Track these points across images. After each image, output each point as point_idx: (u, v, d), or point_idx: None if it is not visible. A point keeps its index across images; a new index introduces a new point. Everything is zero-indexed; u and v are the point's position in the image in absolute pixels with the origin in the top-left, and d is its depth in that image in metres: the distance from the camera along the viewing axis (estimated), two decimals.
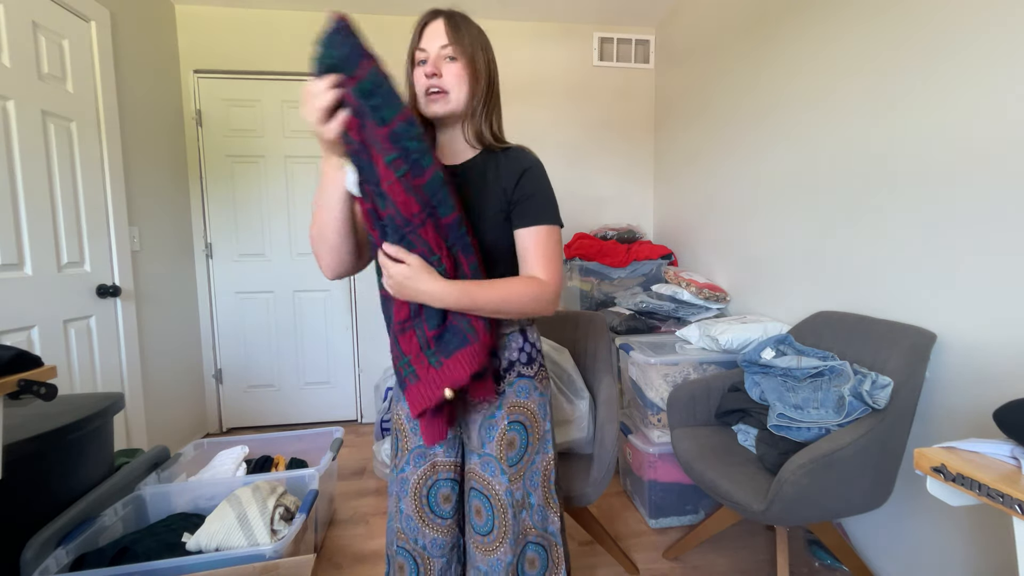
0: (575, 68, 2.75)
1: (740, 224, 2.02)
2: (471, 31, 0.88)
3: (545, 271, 0.87)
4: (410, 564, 0.92)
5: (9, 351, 0.85)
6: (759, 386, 1.38)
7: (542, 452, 0.94)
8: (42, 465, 1.11)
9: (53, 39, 1.66)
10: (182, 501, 1.38)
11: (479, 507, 0.91)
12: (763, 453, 1.25)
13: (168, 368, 2.27)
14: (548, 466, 0.95)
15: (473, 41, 0.87)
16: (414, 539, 0.92)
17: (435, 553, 0.92)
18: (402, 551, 0.93)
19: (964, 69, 1.12)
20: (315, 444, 1.83)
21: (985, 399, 1.08)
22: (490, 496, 0.90)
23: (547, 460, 0.95)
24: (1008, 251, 1.04)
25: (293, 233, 2.64)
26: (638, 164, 2.86)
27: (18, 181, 1.52)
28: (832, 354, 1.34)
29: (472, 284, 0.81)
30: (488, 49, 0.91)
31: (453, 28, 0.86)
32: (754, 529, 1.67)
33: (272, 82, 2.55)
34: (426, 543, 0.92)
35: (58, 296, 1.66)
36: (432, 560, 0.92)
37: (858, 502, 1.13)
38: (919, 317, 1.24)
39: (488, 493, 0.90)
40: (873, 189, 1.37)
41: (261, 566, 1.02)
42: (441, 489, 0.93)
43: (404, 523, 0.93)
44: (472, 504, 0.92)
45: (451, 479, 0.93)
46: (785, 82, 1.72)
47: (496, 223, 0.89)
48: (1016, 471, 0.64)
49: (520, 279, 0.86)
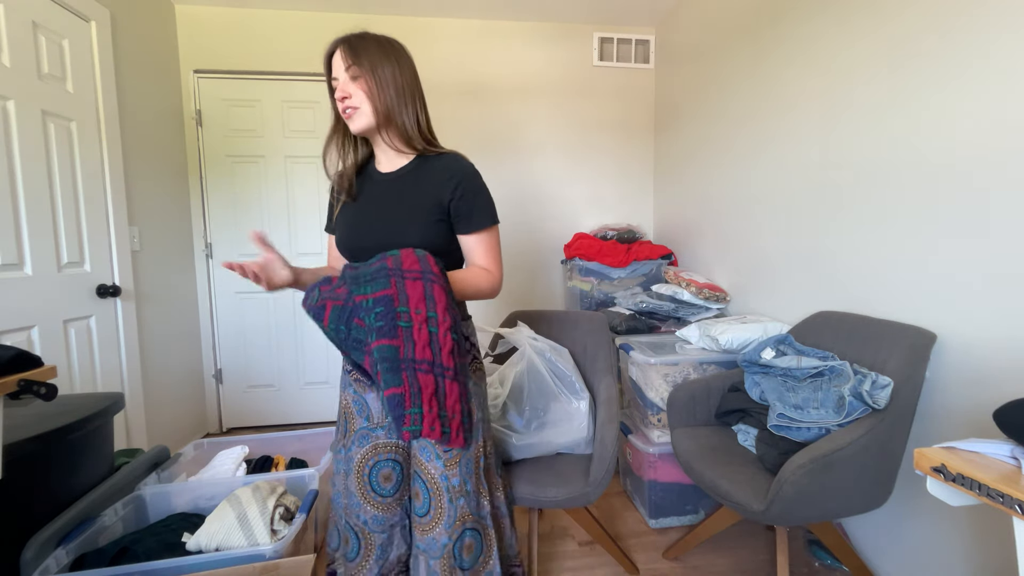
0: (575, 68, 2.75)
1: (740, 224, 2.02)
2: (369, 48, 0.96)
3: (493, 265, 1.02)
4: (353, 538, 1.00)
5: (9, 351, 0.85)
6: (759, 386, 1.38)
7: (474, 441, 1.00)
8: (42, 465, 1.11)
9: (53, 39, 1.66)
10: (182, 501, 1.38)
11: (417, 490, 0.98)
12: (763, 453, 1.25)
13: (168, 368, 2.27)
14: (479, 453, 1.01)
15: (372, 56, 0.95)
16: (356, 515, 0.99)
17: (375, 528, 0.99)
18: (348, 526, 1.01)
19: (965, 69, 1.12)
20: (315, 444, 1.83)
21: (985, 399, 1.08)
22: (426, 480, 0.96)
23: (478, 448, 1.01)
24: (1008, 251, 1.04)
25: (293, 233, 2.64)
26: (638, 164, 2.86)
27: (18, 181, 1.52)
28: (832, 354, 1.34)
29: (452, 272, 0.97)
30: (395, 57, 0.97)
31: (351, 51, 0.95)
32: (754, 529, 1.67)
33: (272, 82, 2.55)
34: (367, 519, 0.99)
35: (58, 296, 1.66)
36: (372, 535, 0.99)
37: (858, 502, 1.13)
38: (919, 317, 1.24)
39: (425, 477, 0.96)
40: (873, 189, 1.37)
41: (261, 566, 1.02)
42: (382, 469, 0.99)
43: (349, 499, 1.00)
44: (413, 487, 0.99)
45: (392, 459, 1.00)
46: (785, 82, 1.72)
47: (429, 224, 0.98)
48: (1016, 471, 0.64)
49: (476, 268, 1.02)
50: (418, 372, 0.85)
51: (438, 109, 2.62)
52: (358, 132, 0.98)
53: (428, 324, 0.86)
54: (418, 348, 0.85)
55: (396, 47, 0.99)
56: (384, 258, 0.89)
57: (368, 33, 0.98)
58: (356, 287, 0.88)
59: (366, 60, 0.95)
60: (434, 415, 0.86)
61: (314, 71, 2.56)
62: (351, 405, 1.04)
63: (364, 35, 0.97)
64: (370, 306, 0.85)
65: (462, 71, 2.64)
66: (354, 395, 1.04)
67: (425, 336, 0.86)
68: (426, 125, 1.02)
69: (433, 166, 1.00)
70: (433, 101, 2.64)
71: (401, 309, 0.85)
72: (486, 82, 2.66)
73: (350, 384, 1.05)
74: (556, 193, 2.78)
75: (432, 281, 0.88)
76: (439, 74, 2.61)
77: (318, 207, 2.64)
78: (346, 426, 1.05)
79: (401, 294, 0.86)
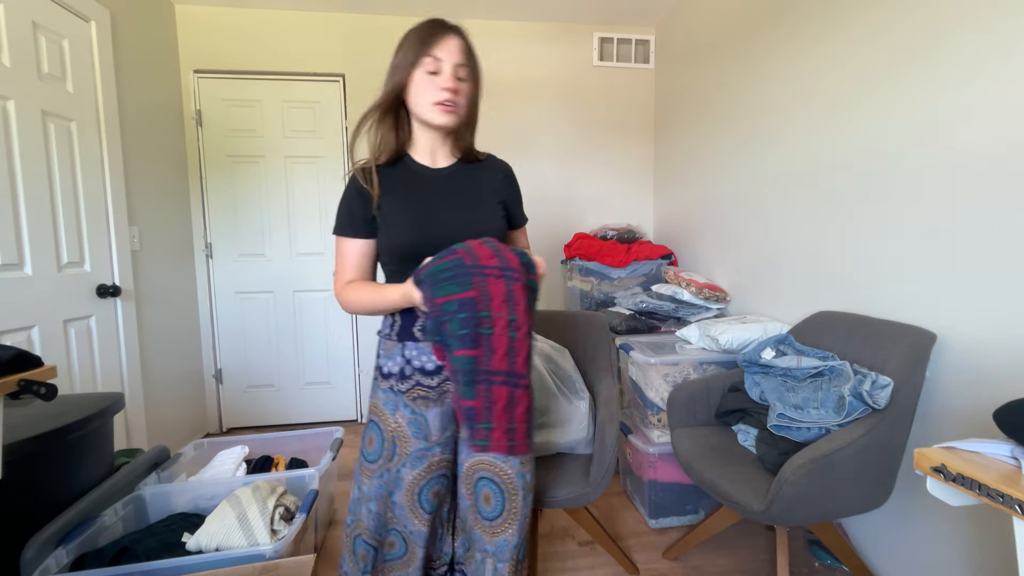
0: (575, 68, 2.75)
1: (740, 224, 2.02)
2: (475, 55, 0.97)
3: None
4: (400, 541, 0.99)
5: (9, 351, 0.85)
6: (759, 386, 1.38)
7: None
8: (42, 465, 1.11)
9: (53, 39, 1.66)
10: (182, 501, 1.38)
11: (488, 494, 0.95)
12: (763, 453, 1.25)
13: (168, 368, 2.27)
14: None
15: (477, 65, 0.97)
16: (404, 525, 0.99)
17: (418, 542, 0.99)
18: (395, 531, 0.99)
19: (964, 68, 1.12)
20: (315, 444, 1.83)
21: (985, 399, 1.08)
22: (501, 481, 0.95)
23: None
24: (1008, 251, 1.04)
25: (293, 233, 2.64)
26: (638, 164, 2.86)
27: (18, 181, 1.52)
28: (832, 354, 1.34)
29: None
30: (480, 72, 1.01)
31: (469, 49, 0.95)
32: (754, 529, 1.67)
33: (272, 82, 2.55)
34: (413, 530, 0.99)
35: (58, 296, 1.66)
36: (417, 549, 0.99)
37: (858, 502, 1.13)
38: (919, 317, 1.24)
39: (499, 479, 0.95)
40: (873, 189, 1.37)
41: (261, 566, 1.02)
42: (434, 487, 0.98)
43: (395, 511, 0.99)
44: (481, 492, 0.97)
45: (443, 475, 1.00)
46: (785, 82, 1.72)
47: (498, 219, 1.01)
48: (1016, 471, 0.64)
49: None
50: (492, 385, 0.83)
51: None
52: (443, 126, 0.95)
53: (509, 328, 0.83)
54: (496, 357, 0.83)
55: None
56: (455, 252, 0.83)
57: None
58: (435, 288, 0.83)
59: (476, 66, 0.97)
60: (503, 428, 0.85)
61: (314, 71, 2.56)
62: (405, 428, 0.96)
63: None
64: (454, 310, 0.81)
65: None
66: (411, 415, 0.96)
67: (504, 343, 0.83)
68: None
69: (483, 165, 1.05)
70: None
71: (484, 314, 0.82)
72: (486, 82, 2.64)
73: (405, 404, 0.96)
74: (556, 193, 2.78)
75: (514, 279, 0.83)
76: None
77: (318, 207, 2.64)
78: (394, 450, 0.97)
79: (484, 296, 0.81)
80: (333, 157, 2.63)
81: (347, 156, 2.61)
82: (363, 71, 2.58)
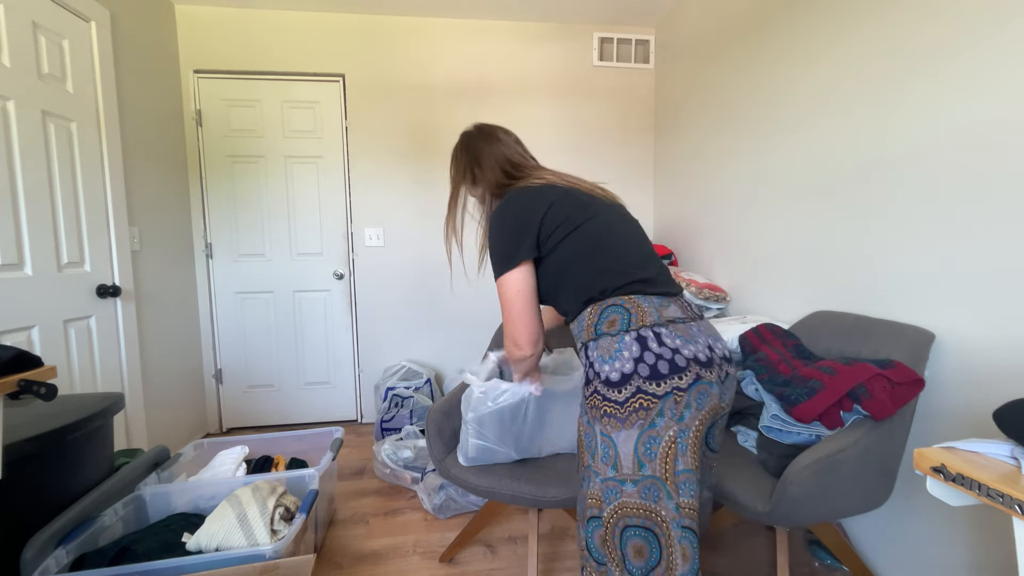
0: (575, 68, 2.75)
1: (740, 224, 2.02)
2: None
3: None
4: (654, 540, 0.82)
5: (9, 351, 0.85)
6: (756, 386, 1.38)
7: (586, 482, 0.85)
8: (42, 465, 1.11)
9: (53, 39, 1.66)
10: (182, 501, 1.38)
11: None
12: (764, 455, 1.25)
13: (168, 368, 2.27)
14: (586, 502, 0.84)
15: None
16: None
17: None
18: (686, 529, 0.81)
19: (963, 68, 1.12)
20: (315, 444, 1.83)
21: (985, 399, 1.08)
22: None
23: (584, 495, 0.85)
24: (1007, 250, 1.04)
25: (293, 233, 2.64)
26: (638, 164, 2.86)
27: (18, 181, 1.52)
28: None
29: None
30: (455, 160, 1.17)
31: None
32: (754, 529, 1.67)
33: (272, 82, 2.55)
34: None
35: (58, 296, 1.66)
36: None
37: (859, 502, 1.13)
38: (917, 316, 1.24)
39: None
40: (872, 189, 1.37)
41: (261, 566, 1.02)
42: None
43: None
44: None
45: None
46: (785, 82, 1.72)
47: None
48: (1016, 471, 0.64)
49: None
50: None
51: (437, 109, 2.63)
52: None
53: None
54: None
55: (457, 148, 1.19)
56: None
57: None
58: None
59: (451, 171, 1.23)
60: None
61: (314, 71, 2.56)
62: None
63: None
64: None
65: (462, 71, 2.64)
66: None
67: None
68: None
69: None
70: (432, 101, 2.66)
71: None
72: (486, 82, 2.67)
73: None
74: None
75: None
76: (439, 74, 2.62)
77: (318, 207, 2.64)
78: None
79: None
80: (333, 157, 2.63)
81: (347, 156, 2.62)
82: (363, 71, 2.58)
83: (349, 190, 2.65)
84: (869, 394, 1.07)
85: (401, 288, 2.72)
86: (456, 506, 1.77)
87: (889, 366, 1.11)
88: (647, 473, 0.78)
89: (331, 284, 2.70)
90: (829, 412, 1.11)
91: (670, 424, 0.78)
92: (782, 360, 1.35)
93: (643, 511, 0.78)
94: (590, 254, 0.89)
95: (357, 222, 2.66)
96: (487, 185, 1.08)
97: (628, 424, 0.78)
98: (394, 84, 2.60)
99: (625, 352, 0.80)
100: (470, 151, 1.13)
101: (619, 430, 0.79)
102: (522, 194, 0.96)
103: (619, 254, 0.91)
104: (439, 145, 2.62)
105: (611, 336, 0.83)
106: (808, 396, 1.13)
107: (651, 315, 0.84)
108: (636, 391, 0.78)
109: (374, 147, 2.63)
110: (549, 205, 0.92)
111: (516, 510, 1.79)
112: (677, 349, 0.81)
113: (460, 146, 1.17)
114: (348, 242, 2.68)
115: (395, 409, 2.36)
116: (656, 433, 0.78)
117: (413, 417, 2.34)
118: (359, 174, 2.64)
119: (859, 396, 1.08)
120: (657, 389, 0.78)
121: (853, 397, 1.09)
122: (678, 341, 0.82)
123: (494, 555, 1.57)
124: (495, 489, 1.25)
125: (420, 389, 2.46)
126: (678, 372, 0.79)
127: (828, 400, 1.10)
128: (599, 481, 0.81)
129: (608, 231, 0.93)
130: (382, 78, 2.59)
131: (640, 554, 0.79)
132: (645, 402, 0.78)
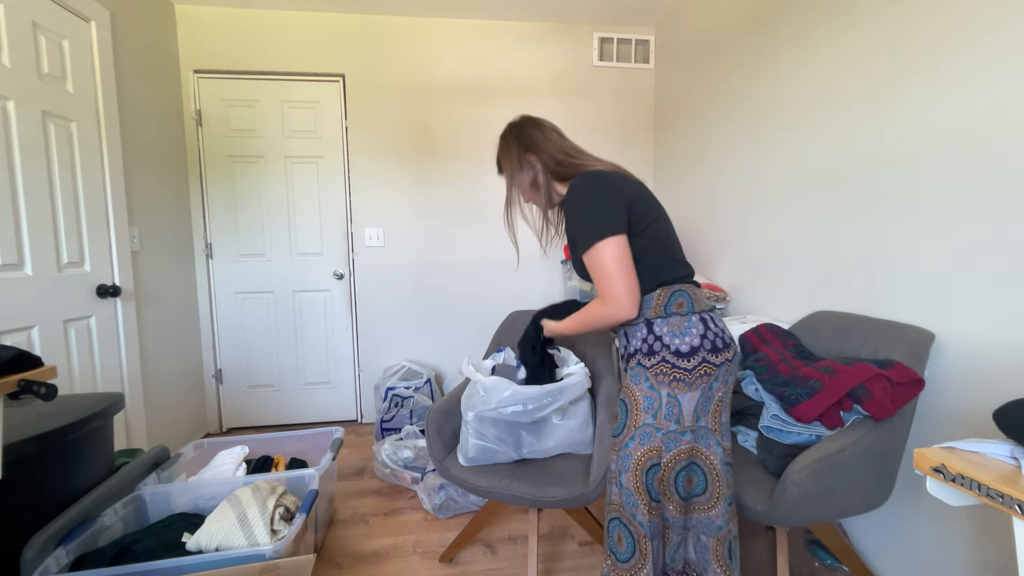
0: (575, 68, 2.75)
1: (740, 224, 2.02)
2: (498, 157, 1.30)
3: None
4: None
5: (9, 351, 0.85)
6: (755, 385, 1.38)
7: (636, 440, 0.99)
8: (42, 465, 1.11)
9: (53, 39, 1.66)
10: (182, 501, 1.38)
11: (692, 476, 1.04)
12: (764, 455, 1.25)
13: (168, 368, 2.27)
14: (638, 459, 0.99)
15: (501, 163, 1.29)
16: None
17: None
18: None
19: (963, 67, 1.12)
20: (315, 444, 1.83)
21: (985, 399, 1.08)
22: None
23: (638, 452, 0.99)
24: (1007, 250, 1.04)
25: (293, 233, 2.64)
26: (638, 164, 2.85)
27: (18, 181, 1.52)
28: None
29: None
30: (505, 149, 1.23)
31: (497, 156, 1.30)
32: (754, 529, 1.67)
33: (272, 82, 2.55)
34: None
35: (58, 296, 1.66)
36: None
37: (859, 502, 1.13)
38: (917, 316, 1.24)
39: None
40: (872, 188, 1.37)
41: (261, 566, 1.02)
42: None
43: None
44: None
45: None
46: (785, 82, 1.72)
47: (572, 252, 1.10)
48: (1016, 471, 0.64)
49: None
50: None
51: (437, 109, 2.63)
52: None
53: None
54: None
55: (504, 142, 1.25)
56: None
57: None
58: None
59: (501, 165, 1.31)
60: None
61: (314, 71, 2.56)
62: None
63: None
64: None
65: (462, 71, 2.64)
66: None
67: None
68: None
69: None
70: (432, 101, 2.66)
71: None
72: (486, 82, 2.66)
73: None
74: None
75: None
76: (439, 74, 2.62)
77: (318, 207, 2.64)
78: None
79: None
80: (333, 157, 2.63)
81: (347, 156, 2.62)
82: (363, 71, 2.58)
83: (349, 190, 2.65)
84: (869, 394, 1.07)
85: (401, 288, 2.72)
86: (456, 506, 1.78)
87: (889, 366, 1.11)
88: (702, 424, 0.99)
89: (331, 284, 2.70)
90: (829, 412, 1.11)
91: (720, 388, 0.99)
92: (782, 360, 1.35)
93: (696, 453, 1.00)
94: (664, 244, 1.06)
95: (357, 222, 2.66)
96: (547, 168, 1.15)
97: (694, 387, 0.97)
98: (394, 84, 2.60)
99: (693, 330, 0.98)
100: (522, 139, 1.18)
101: (686, 392, 0.97)
102: (609, 176, 1.06)
103: (678, 248, 1.11)
104: (439, 145, 2.62)
105: (680, 316, 1.00)
106: (808, 396, 1.13)
107: (703, 302, 1.03)
108: (702, 361, 0.96)
109: (374, 147, 2.63)
110: (634, 194, 1.04)
111: (516, 510, 1.79)
112: (723, 329, 1.02)
113: (510, 135, 1.21)
114: (348, 242, 2.68)
115: (395, 409, 2.37)
116: (712, 394, 0.98)
117: (413, 417, 2.34)
118: (359, 174, 2.64)
119: (859, 396, 1.08)
120: (716, 359, 0.97)
121: (853, 397, 1.09)
122: (721, 324, 1.03)
123: (494, 555, 1.57)
124: (495, 489, 1.25)
125: (420, 389, 2.46)
126: (727, 347, 0.99)
127: (828, 400, 1.10)
128: (660, 435, 0.98)
129: (669, 228, 1.11)
130: (382, 78, 2.59)
131: (689, 483, 1.01)
132: (708, 369, 0.97)
